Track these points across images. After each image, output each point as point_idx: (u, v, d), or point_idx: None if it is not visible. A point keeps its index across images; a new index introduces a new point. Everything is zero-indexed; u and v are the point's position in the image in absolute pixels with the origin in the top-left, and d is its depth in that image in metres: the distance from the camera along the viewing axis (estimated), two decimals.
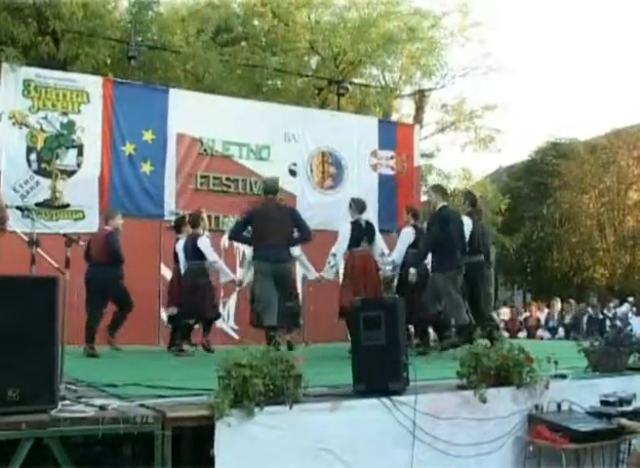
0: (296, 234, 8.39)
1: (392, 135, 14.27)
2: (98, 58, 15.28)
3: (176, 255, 9.68)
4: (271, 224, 8.08)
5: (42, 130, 11.07)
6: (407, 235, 9.29)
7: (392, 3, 18.39)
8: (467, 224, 8.88)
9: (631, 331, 10.38)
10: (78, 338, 7.64)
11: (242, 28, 18.97)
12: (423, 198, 16.16)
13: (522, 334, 17.09)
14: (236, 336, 11.44)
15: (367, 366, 4.99)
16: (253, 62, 17.39)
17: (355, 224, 9.11)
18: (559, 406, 5.60)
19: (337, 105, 16.78)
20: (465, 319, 8.30)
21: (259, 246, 8.19)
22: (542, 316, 18.42)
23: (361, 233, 8.97)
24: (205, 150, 12.33)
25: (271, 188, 8.50)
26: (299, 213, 8.72)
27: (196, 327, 9.64)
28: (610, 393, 5.81)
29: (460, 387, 5.39)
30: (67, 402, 4.30)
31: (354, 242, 8.98)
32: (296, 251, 9.50)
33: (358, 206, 9.32)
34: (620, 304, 18.06)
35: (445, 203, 8.65)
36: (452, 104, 20.89)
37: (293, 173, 13.05)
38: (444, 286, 8.29)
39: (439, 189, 8.99)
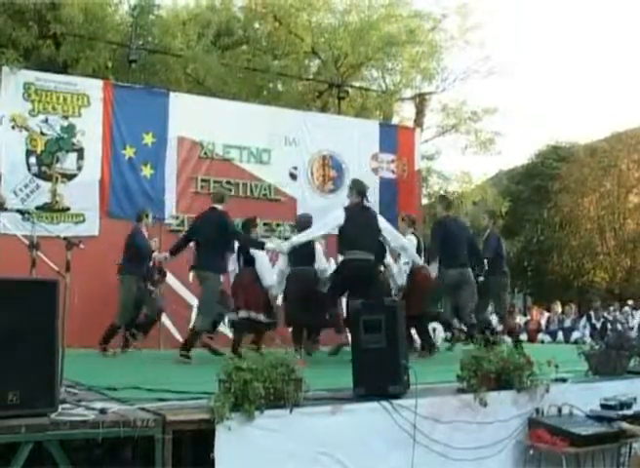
0: None
1: (393, 138, 14.29)
2: (98, 62, 15.27)
3: None
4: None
5: (42, 133, 11.07)
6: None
7: (392, 6, 18.39)
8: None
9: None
10: (78, 341, 7.62)
11: (243, 32, 18.97)
12: (424, 201, 16.16)
13: (522, 338, 17.08)
14: None
15: (367, 369, 4.98)
16: (253, 66, 17.40)
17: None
18: (559, 409, 5.59)
19: (337, 109, 16.78)
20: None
21: None
22: (543, 320, 18.42)
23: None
24: (205, 153, 12.34)
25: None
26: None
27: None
28: (610, 396, 5.80)
29: (461, 390, 5.39)
30: (67, 405, 4.28)
31: None
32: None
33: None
34: (621, 308, 18.04)
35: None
36: (452, 107, 20.89)
37: (293, 176, 13.06)
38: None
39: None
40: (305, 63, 19.26)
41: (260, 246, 8.74)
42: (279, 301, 9.43)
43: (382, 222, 8.37)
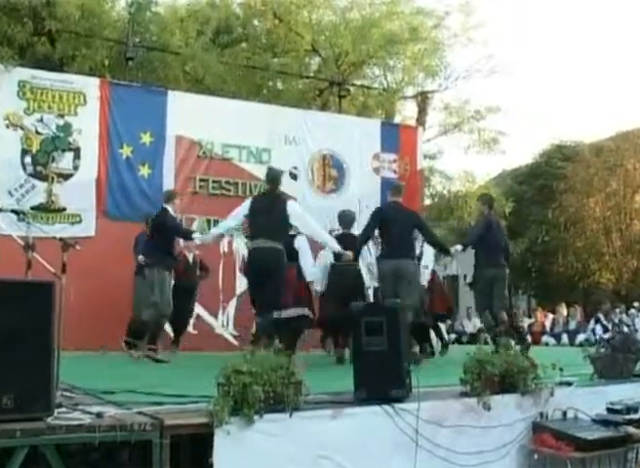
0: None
1: (395, 137, 14.15)
2: (95, 59, 15.21)
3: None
4: None
5: (38, 132, 10.93)
6: None
7: (394, 3, 18.35)
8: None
9: None
10: (75, 344, 7.53)
11: (242, 29, 18.96)
12: (427, 202, 16.09)
13: None
14: (235, 343, 11.33)
15: (368, 372, 4.93)
16: (253, 64, 17.36)
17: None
18: (564, 413, 5.55)
19: (338, 107, 16.70)
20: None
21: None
22: (548, 322, 18.36)
23: None
24: (204, 153, 12.20)
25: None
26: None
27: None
28: (616, 400, 5.75)
29: (464, 394, 5.33)
30: (64, 409, 4.25)
31: None
32: None
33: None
34: (627, 310, 17.94)
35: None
36: (455, 106, 20.80)
37: (293, 176, 12.93)
38: None
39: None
40: (306, 61, 19.23)
41: (189, 236, 9.09)
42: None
43: (291, 207, 7.97)
